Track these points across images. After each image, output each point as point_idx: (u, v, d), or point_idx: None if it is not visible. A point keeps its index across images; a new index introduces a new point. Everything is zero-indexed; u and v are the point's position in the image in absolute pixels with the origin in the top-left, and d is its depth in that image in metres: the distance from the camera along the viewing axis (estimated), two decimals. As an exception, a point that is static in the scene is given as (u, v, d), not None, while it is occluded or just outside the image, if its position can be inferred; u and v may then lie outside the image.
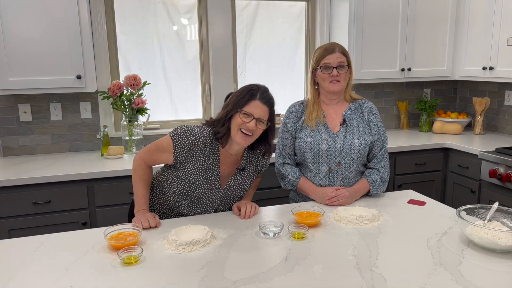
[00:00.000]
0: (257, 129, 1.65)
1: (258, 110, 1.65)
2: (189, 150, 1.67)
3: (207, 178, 1.72)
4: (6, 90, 2.57)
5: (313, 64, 1.97)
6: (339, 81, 1.93)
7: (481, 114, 3.47)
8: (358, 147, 1.94)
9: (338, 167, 1.95)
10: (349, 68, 1.96)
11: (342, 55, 1.93)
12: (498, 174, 2.64)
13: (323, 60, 1.92)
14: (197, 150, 1.67)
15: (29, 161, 2.75)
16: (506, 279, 1.22)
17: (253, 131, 1.64)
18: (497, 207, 1.53)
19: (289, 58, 3.53)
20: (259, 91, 1.68)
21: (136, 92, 2.87)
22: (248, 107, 1.64)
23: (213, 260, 1.35)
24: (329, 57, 1.92)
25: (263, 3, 3.38)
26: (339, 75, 1.92)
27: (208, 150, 1.70)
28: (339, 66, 1.91)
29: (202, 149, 1.68)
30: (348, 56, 1.96)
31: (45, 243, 1.49)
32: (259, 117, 1.65)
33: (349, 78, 1.99)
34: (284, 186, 2.06)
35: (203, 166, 1.69)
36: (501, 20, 3.00)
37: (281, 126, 2.07)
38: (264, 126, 1.68)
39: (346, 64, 1.93)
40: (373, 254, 1.38)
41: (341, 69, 1.92)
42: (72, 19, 2.58)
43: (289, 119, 2.04)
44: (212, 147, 1.71)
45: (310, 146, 1.95)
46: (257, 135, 1.69)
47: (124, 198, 2.53)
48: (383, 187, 1.98)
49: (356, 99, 2.04)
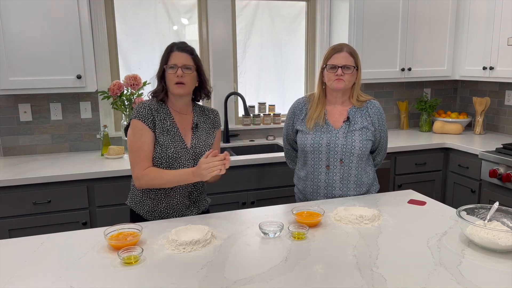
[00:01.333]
0: (185, 76, 1.79)
1: (179, 59, 1.80)
2: (151, 117, 1.80)
3: (172, 138, 1.83)
4: (6, 90, 2.57)
5: (322, 64, 2.01)
6: (343, 80, 1.94)
7: (481, 114, 3.46)
8: (360, 144, 1.95)
9: (340, 164, 1.96)
10: (356, 70, 1.97)
11: (349, 56, 1.94)
12: (498, 174, 2.64)
13: (330, 60, 1.96)
14: (156, 115, 1.82)
15: (29, 161, 2.75)
16: (506, 279, 1.22)
17: (183, 79, 1.79)
18: (497, 207, 1.53)
19: (289, 58, 3.53)
20: (175, 44, 1.85)
21: (136, 92, 2.87)
22: (170, 60, 1.81)
23: (213, 260, 1.35)
24: (336, 56, 1.95)
25: (263, 3, 3.38)
26: (344, 74, 1.93)
27: (162, 114, 1.84)
28: (344, 66, 1.92)
29: (157, 114, 1.83)
30: (356, 57, 1.97)
31: (45, 243, 1.49)
32: (183, 64, 1.80)
33: (355, 80, 1.99)
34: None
35: (164, 127, 1.83)
36: (501, 20, 3.00)
37: (286, 118, 2.17)
38: (191, 71, 1.82)
39: (352, 65, 1.94)
40: (373, 254, 1.37)
41: (346, 69, 1.93)
42: (72, 19, 2.58)
43: (294, 114, 2.10)
44: (164, 110, 1.86)
45: (310, 142, 1.98)
46: (190, 82, 1.82)
47: (124, 198, 2.52)
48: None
49: (363, 101, 2.04)
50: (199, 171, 1.69)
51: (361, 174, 2.01)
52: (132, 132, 1.81)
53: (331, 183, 1.99)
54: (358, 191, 2.01)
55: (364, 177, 2.02)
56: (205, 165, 1.67)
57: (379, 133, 2.04)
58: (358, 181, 2.00)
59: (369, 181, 2.05)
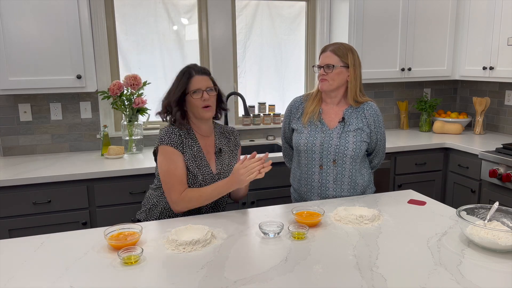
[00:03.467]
0: (210, 98, 1.82)
1: (201, 83, 1.81)
2: (181, 142, 1.81)
3: (199, 164, 1.84)
4: (6, 90, 2.57)
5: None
6: (327, 80, 1.94)
7: (481, 114, 3.46)
8: (353, 146, 1.94)
9: (333, 165, 1.95)
10: (346, 68, 1.93)
11: (332, 55, 1.93)
12: (498, 174, 2.64)
13: (318, 60, 1.99)
14: (184, 141, 1.82)
15: (29, 161, 2.75)
16: (506, 279, 1.22)
17: (209, 102, 1.81)
18: (497, 207, 1.53)
19: (289, 58, 3.53)
20: (193, 68, 1.84)
21: (136, 92, 2.87)
22: (192, 85, 1.80)
23: (213, 260, 1.35)
24: (321, 56, 1.99)
25: (263, 3, 3.38)
26: (326, 74, 1.93)
27: (189, 139, 1.85)
28: (326, 66, 1.93)
29: (185, 139, 1.83)
30: (342, 55, 1.93)
31: (45, 243, 1.49)
32: (206, 87, 1.81)
33: (346, 79, 1.96)
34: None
35: (192, 153, 1.83)
36: (501, 20, 3.00)
37: (284, 116, 2.18)
38: (214, 91, 1.85)
39: (334, 64, 1.92)
40: (373, 254, 1.37)
41: (327, 68, 1.93)
42: (72, 19, 2.58)
43: (290, 112, 2.11)
44: (190, 135, 1.86)
45: (304, 141, 1.98)
46: (214, 104, 1.86)
47: (124, 198, 2.54)
48: None
49: (361, 102, 2.00)
50: (236, 177, 1.67)
51: (355, 176, 1.99)
52: (163, 158, 1.79)
53: (324, 183, 1.98)
54: (352, 193, 2.00)
55: (359, 179, 2.00)
56: (243, 170, 1.65)
57: (375, 135, 2.01)
58: (352, 182, 1.99)
59: (364, 183, 2.03)
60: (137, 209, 2.57)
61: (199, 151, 1.84)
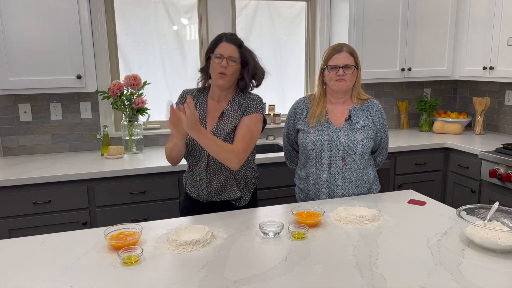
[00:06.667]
0: (229, 67, 1.82)
1: (226, 50, 1.83)
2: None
3: None
4: (6, 90, 2.57)
5: (322, 64, 2.02)
6: (345, 80, 1.95)
7: (481, 114, 3.47)
8: (361, 142, 1.95)
9: (342, 163, 1.96)
10: (357, 69, 1.98)
11: (349, 56, 1.96)
12: (498, 174, 2.64)
13: (331, 60, 1.96)
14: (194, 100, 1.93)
15: (29, 161, 2.75)
16: (506, 279, 1.22)
17: (226, 70, 1.82)
18: (497, 207, 1.53)
19: (289, 58, 3.53)
20: (225, 35, 1.87)
21: (136, 92, 2.87)
22: (217, 49, 1.84)
23: (213, 260, 1.35)
24: (336, 57, 1.95)
25: (263, 3, 3.38)
26: (345, 74, 1.94)
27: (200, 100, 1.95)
28: (345, 66, 1.93)
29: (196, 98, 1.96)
30: (356, 57, 1.98)
31: (45, 243, 1.49)
32: (229, 55, 1.82)
33: (356, 79, 2.01)
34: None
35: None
36: (501, 20, 3.00)
37: (286, 118, 2.17)
38: (236, 64, 1.84)
39: (353, 65, 1.95)
40: (373, 254, 1.38)
41: (347, 69, 1.94)
42: (72, 19, 2.58)
43: (295, 113, 2.11)
44: (202, 98, 1.95)
45: (312, 141, 1.98)
46: (232, 74, 1.85)
47: (124, 198, 2.54)
48: None
49: (364, 100, 2.05)
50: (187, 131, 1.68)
51: (363, 173, 2.01)
52: None
53: (333, 182, 1.99)
54: (359, 191, 2.01)
55: (366, 176, 2.03)
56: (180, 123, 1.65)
57: (380, 132, 2.04)
58: (360, 180, 2.00)
59: (371, 181, 2.05)
60: (137, 209, 2.58)
61: (201, 113, 1.91)
